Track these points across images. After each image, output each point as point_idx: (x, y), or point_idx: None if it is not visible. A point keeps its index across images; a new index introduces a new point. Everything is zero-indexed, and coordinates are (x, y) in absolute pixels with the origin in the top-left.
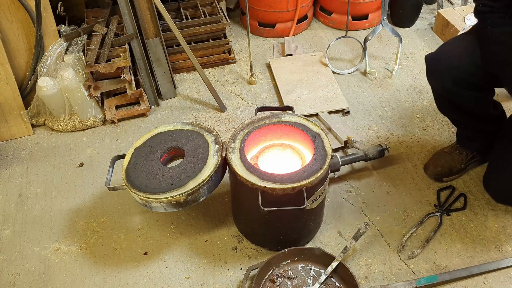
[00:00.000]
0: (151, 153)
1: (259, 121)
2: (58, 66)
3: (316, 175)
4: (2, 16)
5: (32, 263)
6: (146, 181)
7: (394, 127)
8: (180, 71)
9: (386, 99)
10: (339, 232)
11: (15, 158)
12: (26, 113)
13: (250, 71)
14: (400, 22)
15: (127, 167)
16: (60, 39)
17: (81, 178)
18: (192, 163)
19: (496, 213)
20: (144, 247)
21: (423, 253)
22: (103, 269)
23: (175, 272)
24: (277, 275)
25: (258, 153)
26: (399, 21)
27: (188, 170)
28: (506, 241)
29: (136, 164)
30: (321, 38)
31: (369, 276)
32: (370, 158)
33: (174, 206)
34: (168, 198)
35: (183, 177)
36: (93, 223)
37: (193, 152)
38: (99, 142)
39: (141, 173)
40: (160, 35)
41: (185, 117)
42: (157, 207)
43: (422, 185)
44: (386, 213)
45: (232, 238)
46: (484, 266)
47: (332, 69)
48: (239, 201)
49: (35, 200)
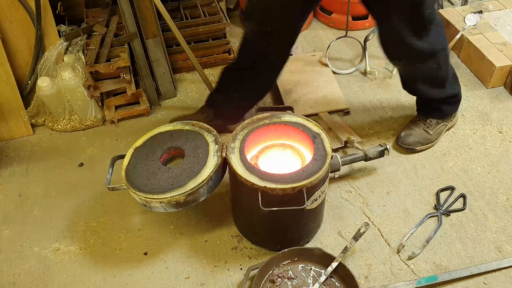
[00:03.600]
0: (151, 153)
1: (259, 121)
2: (58, 66)
3: (316, 175)
4: (2, 16)
5: (32, 263)
6: (146, 181)
7: (394, 127)
8: (180, 71)
9: (386, 99)
10: (339, 232)
11: (15, 158)
12: (26, 113)
13: None
14: None
15: (127, 167)
16: (60, 39)
17: (81, 178)
18: (192, 163)
19: (496, 213)
20: (144, 247)
21: (423, 253)
22: (103, 269)
23: (175, 272)
24: (277, 275)
25: (258, 153)
26: None
27: (188, 170)
28: (506, 241)
29: (136, 164)
30: (321, 38)
31: (369, 276)
32: (370, 158)
33: (174, 206)
34: (168, 198)
35: (183, 177)
36: (93, 223)
37: (193, 152)
38: (99, 142)
39: (141, 173)
40: (160, 35)
41: None
42: (157, 207)
43: (422, 186)
44: (386, 213)
45: (232, 238)
46: (484, 266)
47: (332, 69)
48: (239, 201)
49: (35, 200)
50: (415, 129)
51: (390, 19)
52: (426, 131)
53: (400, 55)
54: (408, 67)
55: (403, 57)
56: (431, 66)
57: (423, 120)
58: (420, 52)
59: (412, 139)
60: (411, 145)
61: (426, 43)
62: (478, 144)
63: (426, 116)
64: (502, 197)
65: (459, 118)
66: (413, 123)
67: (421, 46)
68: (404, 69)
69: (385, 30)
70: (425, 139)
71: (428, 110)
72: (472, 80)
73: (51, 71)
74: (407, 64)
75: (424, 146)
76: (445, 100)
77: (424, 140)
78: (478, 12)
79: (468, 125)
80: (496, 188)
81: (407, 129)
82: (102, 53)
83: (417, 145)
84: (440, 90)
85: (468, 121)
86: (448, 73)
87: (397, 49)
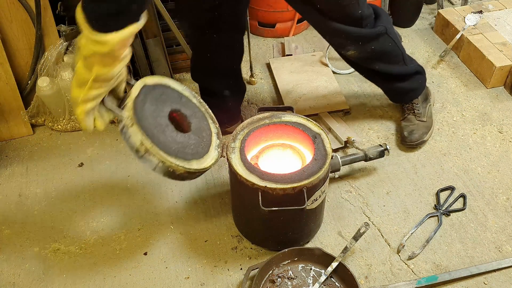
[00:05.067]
0: (161, 104)
1: (259, 121)
2: (58, 66)
3: (316, 175)
4: (2, 16)
5: (32, 263)
6: (153, 130)
7: (394, 127)
8: (180, 71)
9: (386, 99)
10: (339, 232)
11: (15, 158)
12: (26, 113)
13: (250, 71)
14: (400, 22)
15: (136, 98)
16: (60, 39)
17: (81, 178)
18: (197, 142)
19: (496, 213)
20: (144, 247)
21: (423, 253)
22: (103, 269)
23: (175, 272)
24: (277, 275)
25: (258, 153)
26: (399, 21)
27: (193, 147)
28: (506, 241)
29: (145, 103)
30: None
31: (369, 276)
32: (370, 158)
33: (167, 173)
34: (170, 162)
35: (188, 151)
36: (93, 223)
37: (198, 131)
38: (99, 142)
39: (149, 117)
40: (160, 35)
41: None
42: (151, 162)
43: (422, 186)
44: (386, 213)
45: (232, 238)
46: (484, 266)
47: (332, 69)
48: (240, 201)
49: (35, 200)
50: (412, 123)
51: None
52: (421, 120)
53: (347, 45)
54: (360, 52)
55: (352, 45)
56: (386, 44)
57: (411, 113)
58: (365, 36)
59: (417, 134)
60: (420, 139)
61: (367, 29)
62: (478, 144)
63: (407, 105)
64: (502, 197)
65: (459, 118)
66: (406, 120)
67: (362, 32)
68: (360, 53)
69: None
70: (426, 127)
71: (401, 95)
72: (472, 80)
73: (51, 71)
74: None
75: (428, 134)
76: (411, 76)
77: (425, 128)
78: (478, 12)
79: (468, 125)
80: (496, 188)
81: (406, 128)
82: None
83: (423, 136)
84: (401, 67)
85: (468, 121)
86: (402, 48)
87: (345, 40)
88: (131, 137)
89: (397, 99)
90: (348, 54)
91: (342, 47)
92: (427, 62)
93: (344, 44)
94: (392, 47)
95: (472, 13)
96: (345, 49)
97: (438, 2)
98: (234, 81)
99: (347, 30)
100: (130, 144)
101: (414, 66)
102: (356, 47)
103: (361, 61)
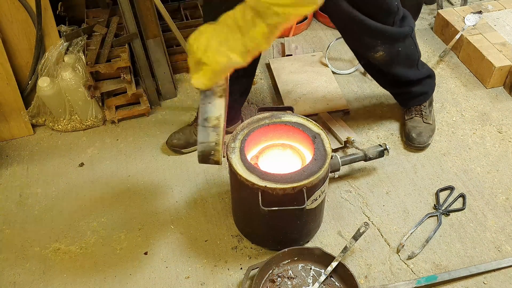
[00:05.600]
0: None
1: (259, 121)
2: (58, 66)
3: (316, 175)
4: (2, 16)
5: (32, 263)
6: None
7: (394, 127)
8: (180, 71)
9: (386, 99)
10: (339, 232)
11: (16, 158)
12: (27, 113)
13: None
14: None
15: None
16: (61, 39)
17: (81, 178)
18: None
19: (495, 213)
20: (144, 247)
21: (422, 253)
22: (103, 269)
23: (175, 272)
24: (277, 275)
25: (258, 153)
26: None
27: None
28: (505, 241)
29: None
30: (321, 38)
31: (369, 276)
32: (370, 158)
33: (207, 154)
34: (220, 148)
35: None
36: (93, 223)
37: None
38: (100, 142)
39: None
40: (160, 35)
41: (185, 117)
42: (208, 137)
43: (421, 186)
44: (386, 213)
45: (232, 238)
46: (483, 266)
47: (332, 69)
48: (239, 201)
49: (35, 200)
50: (419, 125)
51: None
52: (427, 123)
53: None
54: (388, 53)
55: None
56: (410, 47)
57: (418, 114)
58: (395, 36)
59: (425, 136)
60: (427, 142)
61: (397, 28)
62: (478, 144)
63: (414, 107)
64: (501, 197)
65: (459, 118)
66: (412, 121)
67: (394, 30)
68: (387, 55)
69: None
70: (431, 130)
71: (411, 99)
72: (471, 80)
73: (52, 71)
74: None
75: (432, 137)
76: (423, 80)
77: (431, 131)
78: (477, 12)
79: (467, 125)
80: (496, 188)
81: (413, 129)
82: (103, 53)
83: (429, 139)
84: (416, 71)
85: (468, 121)
86: (419, 52)
87: (374, 40)
88: (213, 106)
89: (406, 103)
90: (376, 56)
91: (372, 48)
92: (427, 62)
93: (374, 45)
94: (413, 50)
95: (472, 13)
96: (375, 50)
97: (437, 2)
98: (246, 81)
99: (379, 28)
100: (205, 110)
101: (426, 70)
102: (385, 48)
103: (384, 64)
